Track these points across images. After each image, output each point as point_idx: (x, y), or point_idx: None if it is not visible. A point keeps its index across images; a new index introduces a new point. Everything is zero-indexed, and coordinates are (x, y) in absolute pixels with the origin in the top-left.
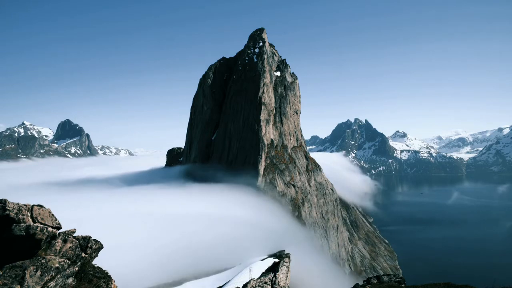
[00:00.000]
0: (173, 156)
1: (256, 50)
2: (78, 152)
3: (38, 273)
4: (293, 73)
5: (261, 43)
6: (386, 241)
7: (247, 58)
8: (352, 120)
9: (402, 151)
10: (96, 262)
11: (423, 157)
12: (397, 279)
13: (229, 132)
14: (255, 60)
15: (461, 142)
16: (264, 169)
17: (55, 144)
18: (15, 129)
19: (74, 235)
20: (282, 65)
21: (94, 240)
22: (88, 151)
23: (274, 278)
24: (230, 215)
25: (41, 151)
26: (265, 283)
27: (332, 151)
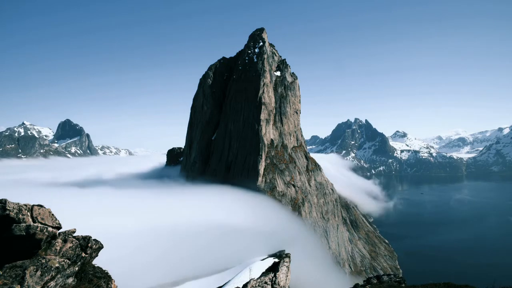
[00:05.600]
0: (173, 156)
1: (256, 50)
2: (78, 152)
3: (38, 273)
4: (293, 73)
5: (261, 43)
6: (386, 241)
7: (247, 58)
8: (352, 120)
9: (402, 151)
10: (96, 262)
11: (423, 157)
12: (397, 279)
13: (229, 132)
14: (255, 60)
15: (461, 142)
16: (264, 169)
17: (55, 144)
18: (15, 129)
19: (74, 235)
20: (282, 65)
21: (94, 240)
22: (88, 151)
23: (274, 278)
24: (230, 216)
25: (41, 151)
26: (265, 283)
27: (332, 151)
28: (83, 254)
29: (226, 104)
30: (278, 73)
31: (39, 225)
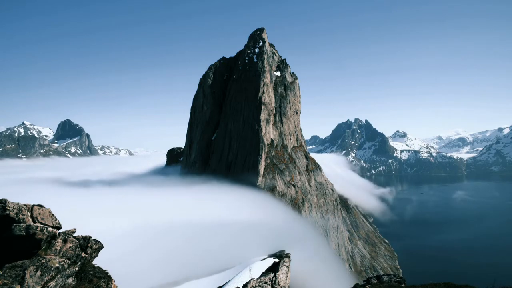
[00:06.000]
0: (173, 156)
1: (256, 50)
2: (78, 152)
3: (38, 273)
4: (293, 73)
5: (261, 43)
6: (386, 241)
7: (247, 58)
8: (352, 120)
9: (402, 151)
10: (96, 262)
11: (423, 157)
12: (397, 279)
13: (229, 132)
14: (255, 60)
15: (461, 142)
16: (264, 169)
17: (55, 144)
18: (15, 129)
19: (74, 235)
20: (282, 65)
21: (94, 240)
22: (88, 151)
23: (274, 278)
24: (230, 216)
25: (41, 151)
26: (265, 283)
27: (332, 151)
28: (83, 254)
29: (226, 104)
30: (278, 73)
31: (39, 225)
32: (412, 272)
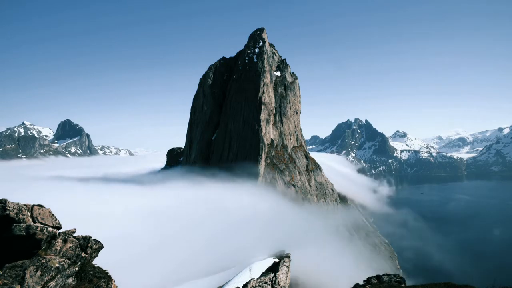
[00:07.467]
0: (173, 156)
1: (256, 50)
2: (78, 152)
3: (38, 273)
4: (293, 73)
5: (261, 43)
6: (387, 241)
7: (247, 58)
8: (352, 120)
9: (402, 151)
10: (96, 262)
11: (423, 157)
12: (397, 279)
13: (229, 132)
14: (255, 60)
15: (461, 142)
16: (264, 169)
17: (55, 144)
18: (15, 129)
19: (74, 235)
20: (282, 65)
21: (94, 240)
22: (88, 151)
23: (274, 278)
24: (231, 214)
25: (41, 151)
26: (265, 283)
27: (332, 151)
28: (83, 254)
29: (226, 104)
30: (278, 73)
31: (39, 225)
32: (412, 272)
